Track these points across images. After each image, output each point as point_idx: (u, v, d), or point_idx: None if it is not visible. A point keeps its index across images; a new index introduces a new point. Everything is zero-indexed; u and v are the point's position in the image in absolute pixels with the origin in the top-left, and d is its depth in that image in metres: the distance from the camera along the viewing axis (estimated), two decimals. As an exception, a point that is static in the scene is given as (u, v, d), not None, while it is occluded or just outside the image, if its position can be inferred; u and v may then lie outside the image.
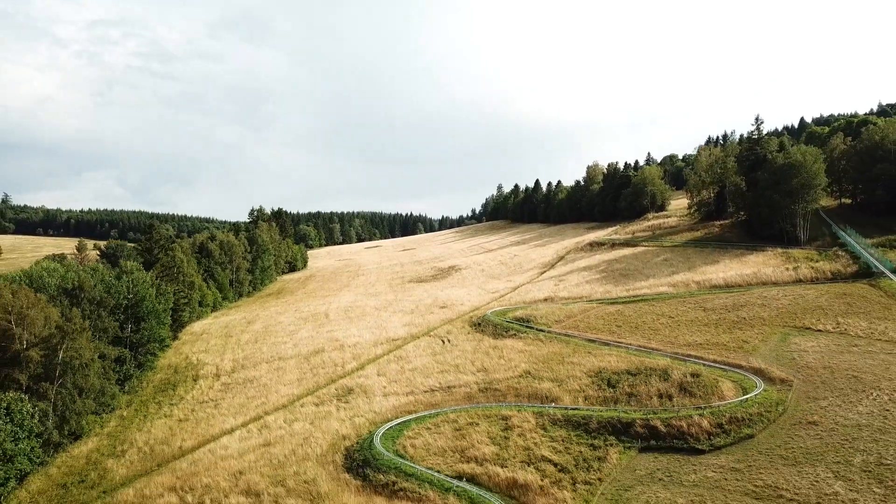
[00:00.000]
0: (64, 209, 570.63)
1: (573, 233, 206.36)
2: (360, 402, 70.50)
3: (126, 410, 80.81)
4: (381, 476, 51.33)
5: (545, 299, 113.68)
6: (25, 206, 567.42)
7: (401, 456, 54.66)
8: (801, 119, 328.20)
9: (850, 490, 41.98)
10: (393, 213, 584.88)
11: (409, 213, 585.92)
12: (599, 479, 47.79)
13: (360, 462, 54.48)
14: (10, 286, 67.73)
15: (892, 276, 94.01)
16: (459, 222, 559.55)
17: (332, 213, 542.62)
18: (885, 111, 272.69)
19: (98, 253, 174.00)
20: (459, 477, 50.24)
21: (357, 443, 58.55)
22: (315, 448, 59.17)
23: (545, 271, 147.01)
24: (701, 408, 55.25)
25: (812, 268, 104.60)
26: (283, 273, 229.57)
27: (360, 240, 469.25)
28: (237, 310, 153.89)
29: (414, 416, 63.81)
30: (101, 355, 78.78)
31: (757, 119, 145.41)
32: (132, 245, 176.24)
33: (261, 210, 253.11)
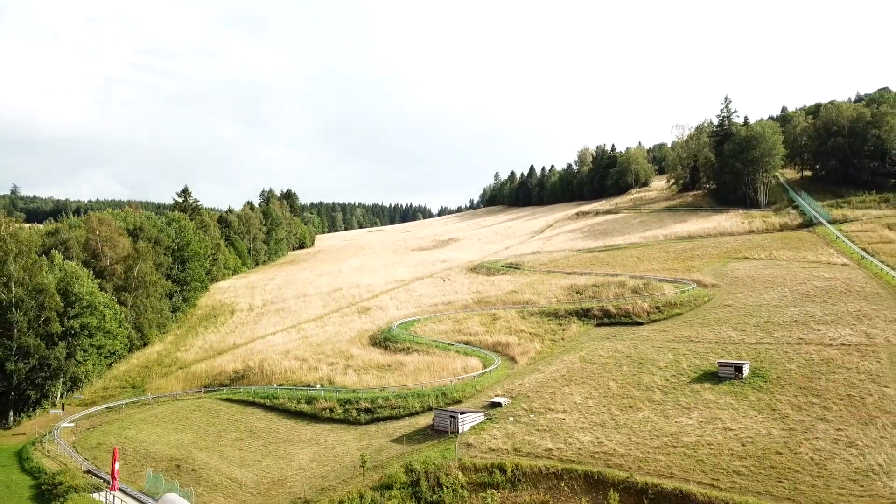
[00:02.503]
0: (73, 199, 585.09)
1: (563, 208, 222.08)
2: (378, 314, 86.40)
3: (179, 332, 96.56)
4: (399, 345, 67.37)
5: (533, 253, 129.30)
6: (35, 197, 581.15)
7: (413, 335, 70.67)
8: (784, 108, 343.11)
9: (741, 336, 57.89)
10: (393, 204, 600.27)
11: (408, 204, 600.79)
12: (562, 339, 63.85)
13: (381, 340, 70.53)
14: (97, 215, 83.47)
15: (828, 225, 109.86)
16: (458, 211, 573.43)
17: (333, 203, 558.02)
18: (862, 99, 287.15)
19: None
20: (458, 343, 66.23)
21: (378, 331, 74.52)
22: (344, 336, 75.21)
23: (535, 236, 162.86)
24: (644, 298, 71.23)
25: (764, 221, 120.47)
26: (294, 249, 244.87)
27: (361, 227, 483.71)
28: (256, 273, 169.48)
29: (422, 317, 79.80)
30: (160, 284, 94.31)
31: (726, 98, 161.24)
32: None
33: (271, 191, 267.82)
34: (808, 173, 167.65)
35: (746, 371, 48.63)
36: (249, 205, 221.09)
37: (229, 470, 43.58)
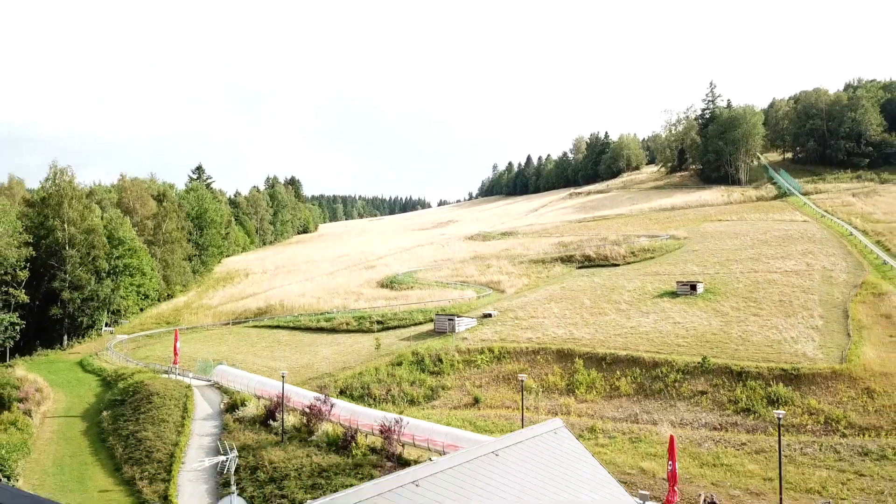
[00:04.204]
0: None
1: (558, 193, 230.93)
2: (383, 268, 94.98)
3: (199, 289, 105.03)
4: (403, 285, 76.06)
5: (527, 225, 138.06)
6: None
7: (415, 278, 79.33)
8: (773, 99, 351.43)
9: (702, 269, 66.43)
10: (393, 197, 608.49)
11: (408, 197, 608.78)
12: (547, 276, 72.50)
13: (387, 283, 79.25)
14: (127, 178, 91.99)
15: (799, 195, 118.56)
16: (457, 203, 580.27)
17: (334, 195, 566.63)
18: (848, 86, 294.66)
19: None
20: (455, 282, 74.87)
21: (384, 278, 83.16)
22: (354, 282, 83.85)
23: (529, 214, 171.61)
24: (622, 246, 79.91)
25: (742, 195, 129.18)
26: (298, 233, 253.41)
27: (361, 218, 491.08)
28: (264, 250, 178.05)
29: (423, 268, 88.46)
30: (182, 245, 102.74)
31: (711, 84, 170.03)
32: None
33: (275, 178, 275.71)
34: (788, 155, 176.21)
35: (700, 289, 57.24)
36: (256, 188, 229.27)
37: (264, 363, 52.18)
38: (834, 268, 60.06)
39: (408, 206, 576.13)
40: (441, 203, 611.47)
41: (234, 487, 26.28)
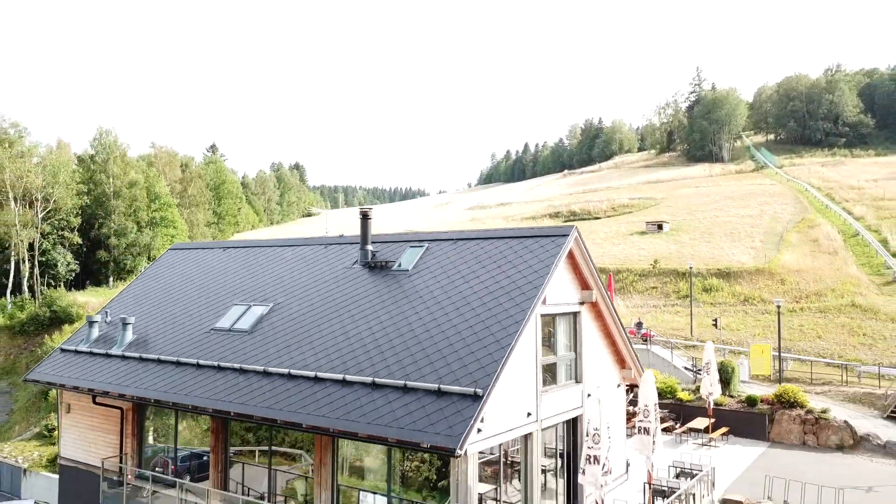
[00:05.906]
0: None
1: (554, 175, 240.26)
2: (385, 229, 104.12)
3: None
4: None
5: (523, 199, 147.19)
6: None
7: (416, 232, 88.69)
8: (760, 86, 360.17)
9: (672, 217, 75.63)
10: (393, 188, 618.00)
11: (408, 188, 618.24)
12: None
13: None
14: (157, 146, 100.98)
15: (774, 167, 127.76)
16: (457, 192, 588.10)
17: (335, 185, 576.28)
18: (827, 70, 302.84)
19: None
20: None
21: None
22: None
23: (526, 192, 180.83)
24: (603, 204, 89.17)
25: (723, 169, 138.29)
26: (303, 216, 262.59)
27: (362, 206, 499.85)
28: (271, 228, 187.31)
29: (424, 228, 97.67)
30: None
31: (697, 69, 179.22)
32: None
33: (280, 164, 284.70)
34: (771, 137, 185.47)
35: (666, 228, 66.44)
36: (263, 171, 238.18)
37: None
38: (783, 211, 69.25)
39: (407, 195, 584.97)
40: (440, 192, 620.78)
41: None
